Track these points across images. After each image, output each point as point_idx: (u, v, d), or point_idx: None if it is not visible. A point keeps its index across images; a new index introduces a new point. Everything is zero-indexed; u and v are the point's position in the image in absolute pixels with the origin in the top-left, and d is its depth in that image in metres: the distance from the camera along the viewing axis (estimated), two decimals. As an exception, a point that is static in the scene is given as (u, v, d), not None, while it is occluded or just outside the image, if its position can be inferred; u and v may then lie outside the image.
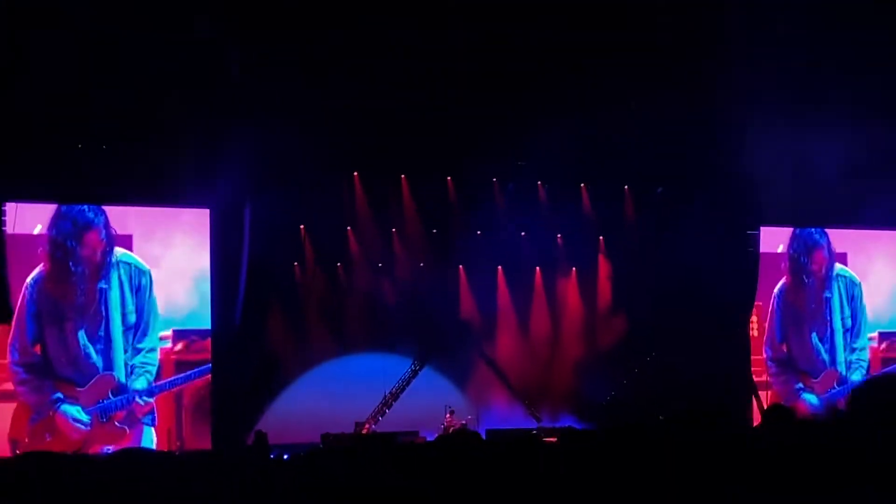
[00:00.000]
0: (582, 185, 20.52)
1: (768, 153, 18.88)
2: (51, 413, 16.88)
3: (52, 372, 16.94)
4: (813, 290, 21.35)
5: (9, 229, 16.87)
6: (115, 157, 17.38)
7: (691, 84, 18.52)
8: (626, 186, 20.70)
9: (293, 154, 17.72)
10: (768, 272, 21.06)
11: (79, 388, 17.06)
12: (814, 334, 21.26)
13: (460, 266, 20.36)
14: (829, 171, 19.66)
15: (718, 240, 19.90)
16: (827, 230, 21.49)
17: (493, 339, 20.65)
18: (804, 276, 21.33)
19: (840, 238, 21.64)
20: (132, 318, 17.49)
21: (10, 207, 16.90)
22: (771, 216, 20.94)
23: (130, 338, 17.43)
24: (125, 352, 17.35)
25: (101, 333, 17.27)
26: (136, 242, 17.76)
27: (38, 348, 16.93)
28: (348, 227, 19.82)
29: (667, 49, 18.07)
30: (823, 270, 21.44)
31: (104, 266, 17.42)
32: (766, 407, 19.82)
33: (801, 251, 21.38)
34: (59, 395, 16.95)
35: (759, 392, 20.52)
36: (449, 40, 17.46)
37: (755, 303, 20.81)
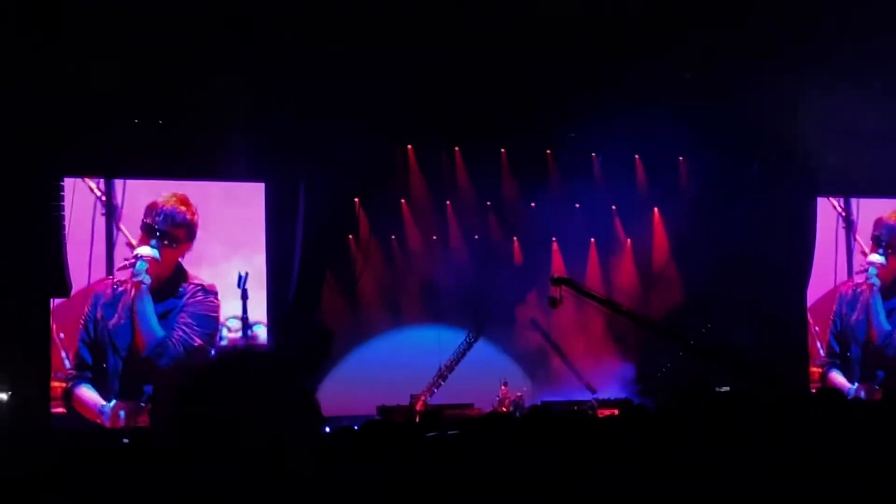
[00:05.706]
0: (636, 155, 20.43)
1: (823, 121, 18.64)
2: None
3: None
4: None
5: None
6: (171, 132, 17.52)
7: (744, 52, 18.34)
8: (680, 157, 20.56)
9: (347, 127, 17.75)
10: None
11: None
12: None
13: (514, 237, 20.38)
14: (886, 140, 19.44)
15: (773, 211, 19.73)
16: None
17: (547, 311, 20.63)
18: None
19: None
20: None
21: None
22: (826, 187, 20.73)
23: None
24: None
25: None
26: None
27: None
28: (402, 200, 19.87)
29: (719, 18, 17.86)
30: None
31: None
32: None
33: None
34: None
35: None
36: (503, 11, 17.37)
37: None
